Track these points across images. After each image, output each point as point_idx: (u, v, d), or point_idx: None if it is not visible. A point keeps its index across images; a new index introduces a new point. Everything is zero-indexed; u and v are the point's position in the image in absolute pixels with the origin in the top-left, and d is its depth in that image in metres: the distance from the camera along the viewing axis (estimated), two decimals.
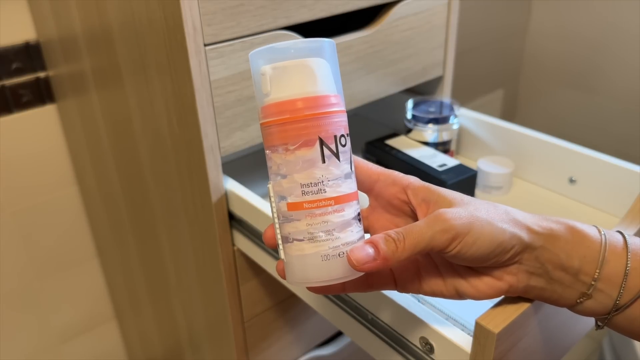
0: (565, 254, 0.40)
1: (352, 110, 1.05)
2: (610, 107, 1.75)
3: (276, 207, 0.41)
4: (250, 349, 0.79)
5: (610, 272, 0.40)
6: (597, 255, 0.40)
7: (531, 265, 0.41)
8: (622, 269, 0.40)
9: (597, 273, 0.40)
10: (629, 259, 0.40)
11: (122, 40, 0.68)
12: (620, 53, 1.67)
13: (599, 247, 0.40)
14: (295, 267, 0.40)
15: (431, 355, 0.47)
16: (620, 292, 0.40)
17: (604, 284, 0.40)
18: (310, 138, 0.39)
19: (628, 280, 0.40)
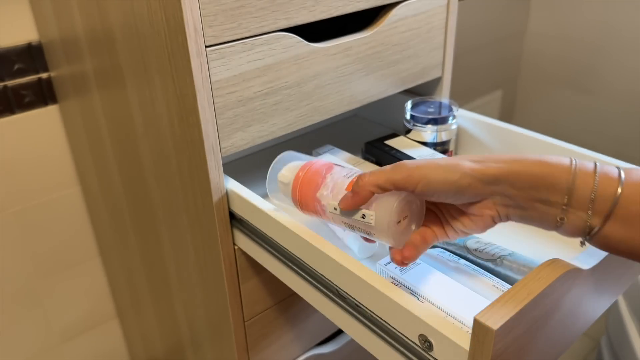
0: (532, 187, 0.45)
1: (352, 111, 1.06)
2: (608, 108, 1.75)
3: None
4: (250, 347, 0.79)
5: (580, 198, 0.44)
6: (565, 185, 0.44)
7: (503, 199, 0.47)
8: (589, 195, 0.44)
9: (566, 199, 0.44)
10: (595, 186, 0.44)
11: (123, 42, 0.68)
12: (618, 54, 1.68)
13: (569, 177, 0.44)
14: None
15: (430, 352, 0.47)
16: (588, 216, 0.44)
17: (576, 209, 0.45)
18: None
19: (596, 204, 0.44)
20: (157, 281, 0.93)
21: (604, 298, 0.58)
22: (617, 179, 0.44)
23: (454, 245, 0.63)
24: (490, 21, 1.72)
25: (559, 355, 0.54)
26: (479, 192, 0.47)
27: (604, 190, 0.44)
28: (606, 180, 0.44)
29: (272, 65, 0.66)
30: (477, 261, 0.61)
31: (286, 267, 0.64)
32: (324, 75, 0.72)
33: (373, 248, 0.66)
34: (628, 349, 1.20)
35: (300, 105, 0.71)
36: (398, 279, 0.57)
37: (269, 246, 0.65)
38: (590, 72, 1.76)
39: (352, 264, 0.53)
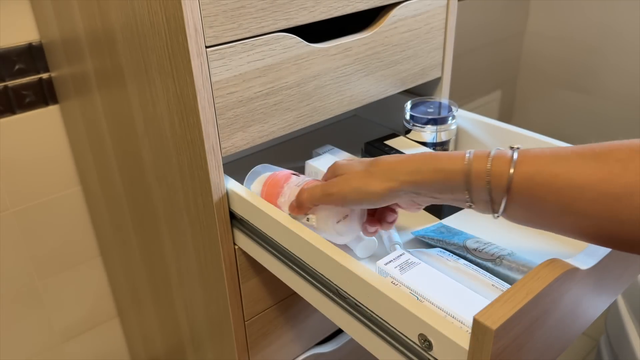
0: (434, 191, 0.53)
1: (352, 111, 1.06)
2: (606, 109, 1.76)
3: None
4: (251, 347, 0.79)
5: (478, 189, 0.49)
6: (463, 185, 0.50)
7: (412, 200, 0.56)
8: (485, 185, 0.49)
9: (467, 194, 0.50)
10: (488, 177, 0.48)
11: (124, 42, 0.68)
12: (617, 55, 1.68)
13: (463, 177, 0.50)
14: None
15: (430, 352, 0.47)
16: (489, 203, 0.50)
17: (478, 198, 0.50)
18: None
19: (493, 194, 0.49)
20: (157, 281, 0.93)
21: (603, 298, 0.58)
22: (509, 160, 0.48)
23: (453, 245, 0.64)
24: (489, 22, 1.72)
25: (558, 354, 0.54)
26: (389, 201, 0.56)
27: (498, 176, 0.48)
28: (500, 164, 0.48)
29: (272, 66, 0.66)
30: (476, 261, 0.61)
31: (286, 267, 0.64)
32: (323, 75, 0.72)
33: (373, 248, 0.67)
34: (627, 348, 1.20)
35: (300, 105, 0.71)
36: (398, 279, 0.57)
37: (269, 246, 0.65)
38: (589, 72, 1.76)
39: (352, 264, 0.53)
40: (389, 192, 0.54)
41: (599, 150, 0.45)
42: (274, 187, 0.67)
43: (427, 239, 0.67)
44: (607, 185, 0.44)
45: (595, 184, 0.44)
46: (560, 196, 0.46)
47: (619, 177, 0.43)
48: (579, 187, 0.45)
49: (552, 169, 0.46)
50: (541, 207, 0.47)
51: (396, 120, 0.94)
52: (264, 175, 0.70)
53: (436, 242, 0.66)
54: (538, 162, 0.47)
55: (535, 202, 0.47)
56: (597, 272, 0.51)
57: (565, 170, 0.45)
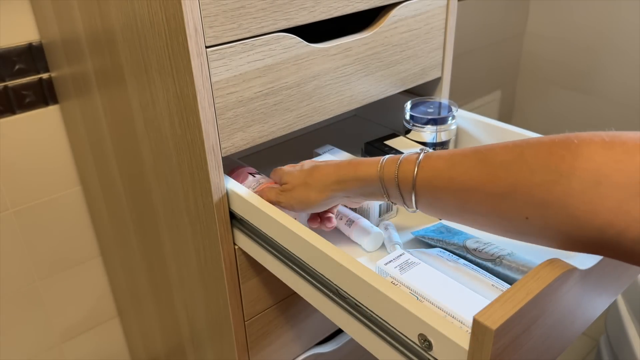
0: (359, 195, 0.61)
1: (352, 111, 1.06)
2: (606, 109, 1.76)
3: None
4: (251, 347, 0.79)
5: (394, 193, 0.56)
6: (380, 190, 0.57)
7: (348, 201, 0.64)
8: (396, 189, 0.55)
9: (386, 197, 0.58)
10: (396, 178, 0.55)
11: (124, 42, 0.68)
12: (616, 56, 1.68)
13: (379, 184, 0.57)
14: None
15: (430, 352, 0.47)
16: (404, 202, 0.56)
17: (395, 199, 0.57)
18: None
19: (403, 194, 0.55)
20: (157, 281, 0.93)
21: (603, 298, 0.58)
22: (413, 166, 0.54)
23: (453, 245, 0.64)
24: (489, 22, 1.72)
25: (558, 354, 0.54)
26: (329, 206, 0.65)
27: (404, 180, 0.55)
28: (405, 170, 0.55)
29: (272, 66, 0.66)
30: (476, 261, 0.61)
31: (286, 267, 0.64)
32: (323, 75, 0.72)
33: (379, 241, 0.67)
34: (627, 348, 1.20)
35: (300, 105, 0.71)
36: (398, 279, 0.57)
37: (269, 246, 0.65)
38: (588, 73, 1.76)
39: (352, 264, 0.53)
40: (325, 200, 0.63)
41: (485, 154, 0.49)
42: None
43: (427, 239, 0.67)
44: (492, 186, 0.48)
45: (482, 185, 0.48)
46: (456, 197, 0.51)
47: (502, 179, 0.47)
48: (469, 189, 0.49)
49: (448, 174, 0.51)
50: (443, 205, 0.53)
51: (396, 120, 0.94)
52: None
53: (436, 242, 0.66)
54: (436, 166, 0.53)
55: (438, 201, 0.53)
56: (597, 272, 0.51)
57: (458, 174, 0.50)
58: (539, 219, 0.45)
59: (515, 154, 0.47)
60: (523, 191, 0.46)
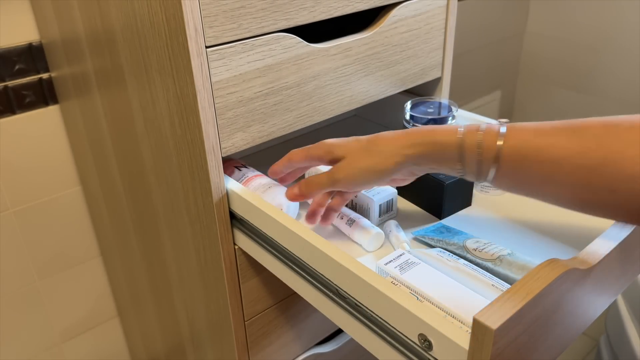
0: (432, 162, 0.57)
1: (352, 111, 1.06)
2: (606, 109, 1.76)
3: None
4: (251, 347, 0.79)
5: (470, 162, 0.54)
6: (457, 157, 0.55)
7: (411, 173, 0.60)
8: (476, 159, 0.53)
9: (460, 165, 0.55)
10: (480, 146, 0.53)
11: (124, 42, 0.68)
12: (617, 55, 1.68)
13: (457, 150, 0.54)
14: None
15: (430, 352, 0.47)
16: (479, 174, 0.54)
17: (470, 169, 0.55)
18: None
19: (483, 164, 0.53)
20: (157, 281, 0.93)
21: (603, 298, 0.58)
22: (497, 133, 0.52)
23: (453, 245, 0.64)
24: (489, 22, 1.72)
25: (558, 354, 0.54)
26: (394, 175, 0.59)
27: (488, 149, 0.53)
28: (489, 137, 0.53)
29: (272, 66, 0.66)
30: (476, 261, 0.61)
31: (286, 267, 0.64)
32: (324, 75, 0.72)
33: (380, 241, 0.67)
34: (627, 348, 1.20)
35: (300, 105, 0.71)
36: (398, 279, 0.57)
37: (269, 246, 0.65)
38: (588, 72, 1.76)
39: (352, 264, 0.53)
40: (397, 166, 0.58)
41: (577, 126, 0.50)
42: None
43: (427, 239, 0.67)
44: (583, 158, 0.48)
45: (572, 157, 0.49)
46: (543, 167, 0.50)
47: (593, 151, 0.48)
48: (558, 159, 0.49)
49: (536, 143, 0.51)
50: (525, 176, 0.52)
51: (396, 120, 0.94)
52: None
53: (436, 242, 0.66)
54: (523, 136, 0.51)
55: (520, 172, 0.52)
56: (597, 272, 0.51)
57: (547, 144, 0.50)
58: (625, 191, 0.47)
59: (609, 127, 0.48)
60: (614, 164, 0.47)
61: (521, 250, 0.61)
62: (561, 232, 0.68)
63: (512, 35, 1.84)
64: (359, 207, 0.73)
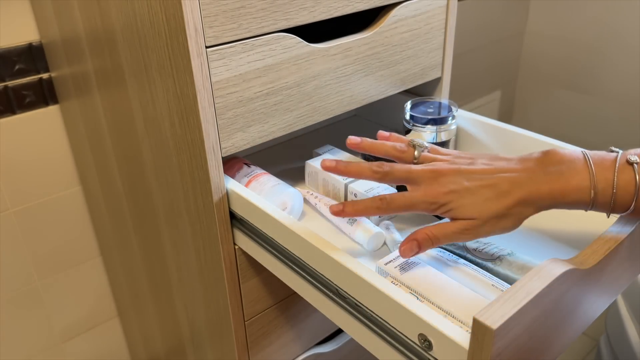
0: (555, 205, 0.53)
1: (352, 111, 1.06)
2: (606, 109, 1.76)
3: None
4: (251, 346, 0.79)
5: (603, 203, 0.51)
6: (588, 200, 0.52)
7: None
8: (610, 198, 0.51)
9: (591, 206, 0.52)
10: (614, 188, 0.51)
11: (124, 42, 0.68)
12: (617, 55, 1.68)
13: (589, 194, 0.51)
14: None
15: (430, 352, 0.47)
16: (610, 208, 0.52)
17: (600, 207, 0.52)
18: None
19: (617, 205, 0.51)
20: (157, 281, 0.93)
21: (603, 298, 0.58)
22: (633, 171, 0.50)
23: (453, 245, 0.64)
24: (489, 22, 1.72)
25: (559, 354, 0.54)
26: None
27: (624, 188, 0.51)
28: (625, 174, 0.51)
29: (272, 66, 0.66)
30: (476, 261, 0.61)
31: (286, 267, 0.64)
32: (324, 75, 0.72)
33: (380, 241, 0.67)
34: (627, 348, 1.20)
35: (300, 105, 0.71)
36: (398, 279, 0.57)
37: (269, 246, 0.65)
38: (589, 72, 1.76)
39: (352, 264, 0.53)
40: (518, 225, 0.55)
41: None
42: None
43: None
44: None
45: None
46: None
47: None
48: None
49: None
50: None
51: (396, 120, 0.94)
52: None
53: None
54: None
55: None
56: (597, 271, 0.51)
57: None
58: None
59: None
60: None
61: (521, 250, 0.61)
62: (561, 232, 0.68)
63: (512, 35, 1.84)
64: None
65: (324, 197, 0.75)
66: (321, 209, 0.74)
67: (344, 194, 0.74)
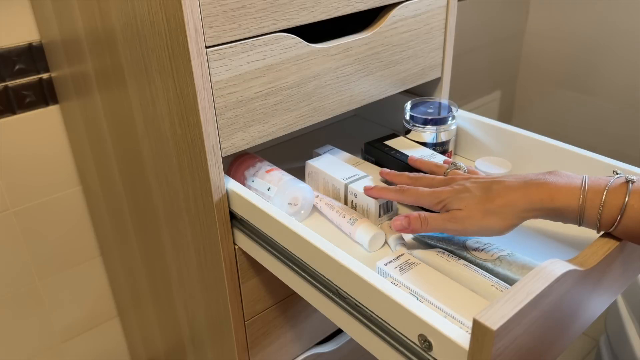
0: (548, 219, 0.56)
1: (352, 111, 1.06)
2: (606, 108, 1.76)
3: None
4: (251, 346, 0.79)
5: (590, 217, 0.53)
6: (577, 212, 0.54)
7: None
8: (597, 213, 0.53)
9: (579, 219, 0.54)
10: (602, 204, 0.52)
11: (124, 42, 0.68)
12: (617, 55, 1.68)
13: (578, 204, 0.54)
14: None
15: (430, 352, 0.47)
16: (598, 224, 0.53)
17: (588, 222, 0.54)
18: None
19: (603, 219, 0.53)
20: (157, 281, 0.93)
21: (603, 298, 0.58)
22: (624, 191, 0.52)
23: (453, 245, 0.64)
24: (489, 22, 1.72)
25: (559, 354, 0.54)
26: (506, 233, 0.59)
27: (611, 204, 0.52)
28: (615, 193, 0.52)
29: (272, 66, 0.66)
30: (476, 261, 0.61)
31: (286, 267, 0.64)
32: (324, 75, 0.72)
33: (381, 242, 0.67)
34: (627, 348, 1.20)
35: (300, 105, 0.71)
36: (398, 279, 0.57)
37: (269, 246, 0.65)
38: (588, 72, 1.76)
39: (352, 264, 0.53)
40: (509, 228, 0.58)
41: None
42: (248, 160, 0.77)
43: (427, 239, 0.67)
44: None
45: None
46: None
47: None
48: None
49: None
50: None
51: (396, 120, 0.94)
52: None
53: (436, 242, 0.66)
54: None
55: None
56: (597, 272, 0.52)
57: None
58: None
59: None
60: None
61: (521, 251, 0.61)
62: (561, 233, 0.68)
63: (512, 35, 1.84)
64: (359, 207, 0.73)
65: (324, 197, 0.75)
66: (322, 209, 0.74)
67: (344, 194, 0.74)
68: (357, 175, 0.75)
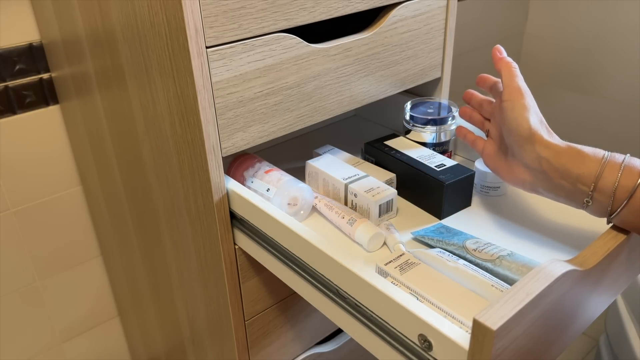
0: (564, 167, 0.56)
1: (352, 111, 1.06)
2: (606, 108, 1.76)
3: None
4: (251, 346, 0.79)
5: (604, 185, 0.53)
6: (595, 172, 0.53)
7: (536, 169, 0.58)
8: (614, 183, 0.52)
9: (593, 185, 0.54)
10: (619, 176, 0.52)
11: (124, 42, 0.68)
12: (616, 55, 1.68)
13: (598, 165, 0.54)
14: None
15: (430, 352, 0.47)
16: (610, 202, 0.53)
17: (599, 195, 0.54)
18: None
19: (617, 194, 0.52)
20: (158, 280, 0.93)
21: (602, 298, 0.58)
22: (638, 171, 0.52)
23: (453, 245, 0.64)
24: (489, 22, 1.72)
25: (559, 354, 0.54)
26: (525, 151, 0.59)
27: (626, 181, 0.52)
28: (629, 172, 0.52)
29: (273, 66, 0.66)
30: (476, 261, 0.61)
31: (286, 267, 0.64)
32: (324, 75, 0.72)
33: (380, 242, 0.67)
34: (627, 348, 1.21)
35: (300, 105, 0.71)
36: (398, 279, 0.58)
37: (269, 246, 0.65)
38: (588, 72, 1.76)
39: (352, 264, 0.53)
40: (526, 183, 0.61)
41: None
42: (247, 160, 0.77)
43: (427, 239, 0.67)
44: None
45: None
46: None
47: None
48: None
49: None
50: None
51: (396, 120, 0.95)
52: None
53: (436, 242, 0.66)
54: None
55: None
56: (597, 272, 0.52)
57: None
58: None
59: None
60: None
61: (521, 251, 0.61)
62: (561, 233, 0.68)
63: (511, 36, 1.84)
64: (359, 207, 0.73)
65: (324, 197, 0.75)
66: (321, 210, 0.74)
67: (344, 194, 0.74)
68: (357, 175, 0.75)
